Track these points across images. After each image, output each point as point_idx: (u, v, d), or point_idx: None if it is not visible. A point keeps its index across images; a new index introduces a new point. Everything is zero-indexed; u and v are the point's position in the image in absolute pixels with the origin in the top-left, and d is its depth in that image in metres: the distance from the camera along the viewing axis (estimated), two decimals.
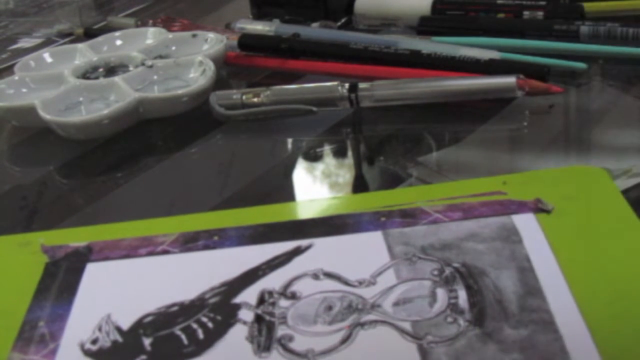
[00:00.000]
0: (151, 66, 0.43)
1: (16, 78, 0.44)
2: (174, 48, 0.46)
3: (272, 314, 0.25)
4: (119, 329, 0.26)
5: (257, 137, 0.40)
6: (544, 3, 0.47)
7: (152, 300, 0.27)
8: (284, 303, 0.26)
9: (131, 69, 0.44)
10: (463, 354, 0.23)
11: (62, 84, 0.42)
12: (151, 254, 0.29)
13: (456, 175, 0.34)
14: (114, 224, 0.31)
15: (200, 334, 0.25)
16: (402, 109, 0.39)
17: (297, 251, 0.28)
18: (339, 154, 0.38)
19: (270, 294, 0.26)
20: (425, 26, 0.48)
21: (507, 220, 0.28)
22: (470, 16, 0.48)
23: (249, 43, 0.47)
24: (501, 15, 0.47)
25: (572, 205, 0.29)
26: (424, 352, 0.23)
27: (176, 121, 0.41)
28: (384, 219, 0.29)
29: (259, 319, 0.25)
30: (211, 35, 0.46)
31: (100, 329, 0.26)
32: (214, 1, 0.63)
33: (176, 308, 0.26)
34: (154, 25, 0.52)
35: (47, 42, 0.57)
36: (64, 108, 0.41)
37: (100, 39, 0.48)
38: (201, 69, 0.43)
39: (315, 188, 0.36)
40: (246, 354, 0.24)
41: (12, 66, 0.46)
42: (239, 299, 0.26)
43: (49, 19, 0.63)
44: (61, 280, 0.28)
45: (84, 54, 0.46)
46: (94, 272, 0.28)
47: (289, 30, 0.48)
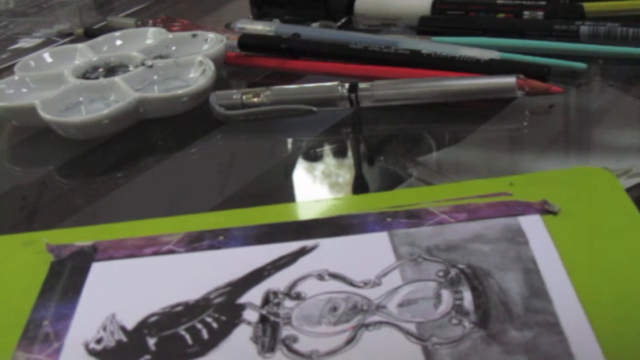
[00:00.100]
0: (151, 66, 0.43)
1: (16, 78, 0.44)
2: (174, 48, 0.46)
3: (276, 315, 0.25)
4: (123, 329, 0.26)
5: (257, 137, 0.40)
6: (544, 3, 0.47)
7: (156, 300, 0.27)
8: (288, 303, 0.26)
9: (131, 69, 0.44)
10: (468, 356, 0.23)
11: (62, 84, 0.42)
12: (156, 253, 0.29)
13: (456, 175, 0.34)
14: (119, 223, 0.31)
15: (205, 334, 0.25)
16: (402, 109, 0.39)
17: (303, 251, 0.28)
18: (339, 154, 0.38)
19: (275, 294, 0.26)
20: (425, 26, 0.48)
21: (513, 221, 0.28)
22: (470, 16, 0.48)
23: (249, 43, 0.47)
24: (501, 15, 0.47)
25: (578, 207, 0.28)
26: (428, 354, 0.23)
27: (176, 121, 0.41)
28: (389, 219, 0.29)
29: (263, 319, 0.25)
30: (211, 35, 0.46)
31: (104, 328, 0.26)
32: (214, 1, 0.63)
33: (181, 308, 0.26)
34: (154, 25, 0.52)
35: (47, 42, 0.57)
36: (64, 108, 0.41)
37: (100, 39, 0.48)
38: (201, 69, 0.43)
39: (315, 188, 0.36)
40: (250, 355, 0.24)
41: (12, 66, 0.46)
42: (243, 299, 0.26)
43: (49, 19, 0.63)
44: (66, 279, 0.28)
45: (84, 54, 0.46)
46: (99, 271, 0.28)
47: (289, 30, 0.48)
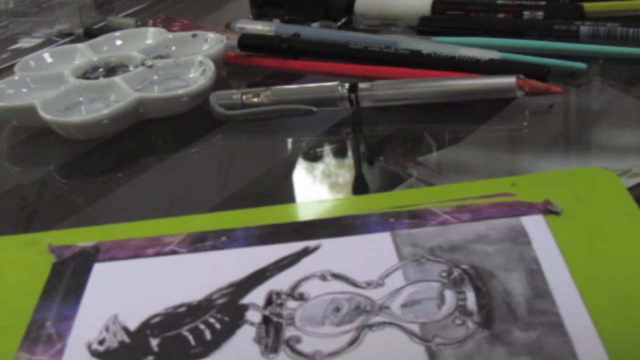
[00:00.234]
0: (151, 66, 0.43)
1: (16, 78, 0.44)
2: (174, 48, 0.46)
3: (279, 315, 0.25)
4: (126, 330, 0.25)
5: (257, 137, 0.40)
6: (544, 3, 0.47)
7: (159, 300, 0.26)
8: (291, 304, 0.26)
9: (131, 69, 0.44)
10: (471, 356, 0.23)
11: (62, 84, 0.42)
12: (159, 254, 0.29)
13: (456, 175, 0.34)
14: (121, 224, 0.31)
15: (208, 335, 0.25)
16: (402, 109, 0.39)
17: (305, 252, 0.28)
18: (339, 154, 0.38)
19: (278, 295, 0.26)
20: (425, 26, 0.48)
21: (515, 221, 0.28)
22: (470, 16, 0.48)
23: (249, 43, 0.47)
24: (501, 15, 0.47)
25: (581, 207, 0.28)
26: (432, 354, 0.23)
27: (176, 121, 0.41)
28: (392, 220, 0.29)
29: (266, 320, 0.25)
30: (211, 35, 0.46)
31: (107, 329, 0.26)
32: (214, 1, 0.63)
33: (183, 309, 0.26)
34: (154, 25, 0.52)
35: (47, 42, 0.57)
36: (64, 108, 0.41)
37: (100, 39, 0.48)
38: (201, 69, 0.43)
39: (315, 188, 0.36)
40: (254, 355, 0.24)
41: (12, 66, 0.46)
42: (246, 300, 0.26)
43: (49, 19, 0.63)
44: (68, 280, 0.28)
45: (84, 54, 0.46)
46: (101, 272, 0.28)
47: (289, 30, 0.48)
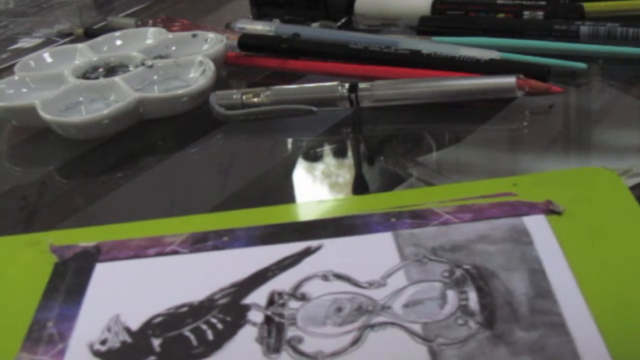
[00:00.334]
0: (151, 66, 0.43)
1: (16, 78, 0.44)
2: (174, 48, 0.46)
3: (281, 315, 0.25)
4: (128, 330, 0.25)
5: (257, 137, 0.40)
6: (544, 3, 0.47)
7: (161, 300, 0.26)
8: (293, 304, 0.26)
9: (131, 69, 0.44)
10: (474, 356, 0.23)
11: (62, 84, 0.42)
12: (160, 254, 0.29)
13: (456, 175, 0.34)
14: (123, 224, 0.31)
15: (210, 335, 0.25)
16: (402, 109, 0.39)
17: (307, 252, 0.28)
18: (339, 154, 0.38)
19: (280, 295, 0.26)
20: (425, 26, 0.48)
21: (517, 221, 0.28)
22: (470, 16, 0.48)
23: (249, 43, 0.47)
24: (501, 15, 0.47)
25: (583, 207, 0.28)
26: (434, 354, 0.23)
27: (176, 121, 0.41)
28: (394, 219, 0.29)
29: (268, 320, 0.25)
30: (211, 35, 0.46)
31: (109, 329, 0.25)
32: (214, 1, 0.63)
33: (185, 309, 0.26)
34: (154, 25, 0.52)
35: (47, 42, 0.57)
36: (64, 108, 0.41)
37: (100, 39, 0.48)
38: (201, 69, 0.43)
39: (315, 188, 0.36)
40: (256, 355, 0.24)
41: (12, 66, 0.46)
42: (248, 300, 0.26)
43: (49, 19, 0.63)
44: (70, 280, 0.28)
45: (84, 54, 0.46)
46: (103, 272, 0.28)
47: (289, 30, 0.48)
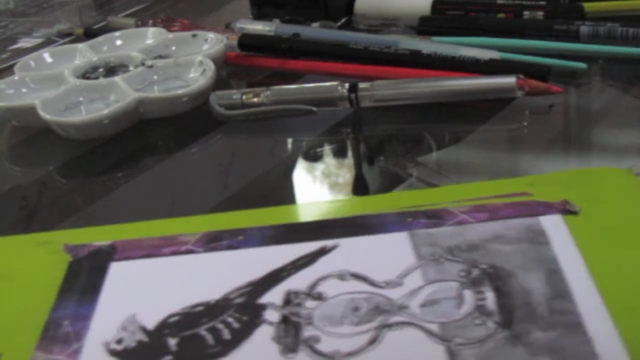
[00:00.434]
0: (151, 66, 0.43)
1: (16, 78, 0.44)
2: (174, 48, 0.46)
3: (298, 315, 0.25)
4: (143, 329, 0.25)
5: (257, 137, 0.40)
6: (544, 3, 0.47)
7: (176, 300, 0.26)
8: (310, 304, 0.25)
9: (131, 69, 0.44)
10: (492, 357, 0.22)
11: (62, 84, 0.42)
12: (175, 253, 0.29)
13: (456, 175, 0.34)
14: (136, 223, 0.31)
15: (226, 334, 0.25)
16: (402, 109, 0.39)
17: (322, 251, 0.28)
18: (339, 154, 0.39)
19: (296, 294, 0.26)
20: (425, 26, 0.48)
21: (533, 221, 0.28)
22: (470, 16, 0.48)
23: (249, 43, 0.47)
24: (501, 15, 0.47)
25: (599, 207, 0.28)
26: (452, 354, 0.23)
27: (176, 121, 0.41)
28: (409, 219, 0.29)
29: (285, 319, 0.25)
30: (211, 35, 0.46)
31: (124, 328, 0.25)
32: (214, 1, 0.63)
33: (201, 308, 0.26)
34: (154, 25, 0.52)
35: (47, 42, 0.57)
36: (64, 108, 0.41)
37: (100, 39, 0.48)
38: (201, 69, 0.43)
39: (315, 188, 0.36)
40: (273, 355, 0.24)
41: (12, 66, 0.46)
42: (264, 300, 0.26)
43: (49, 19, 0.63)
44: (85, 279, 0.28)
45: (84, 54, 0.46)
46: (117, 271, 0.28)
47: (289, 30, 0.48)
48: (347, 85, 0.39)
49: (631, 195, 0.29)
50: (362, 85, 0.39)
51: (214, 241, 0.29)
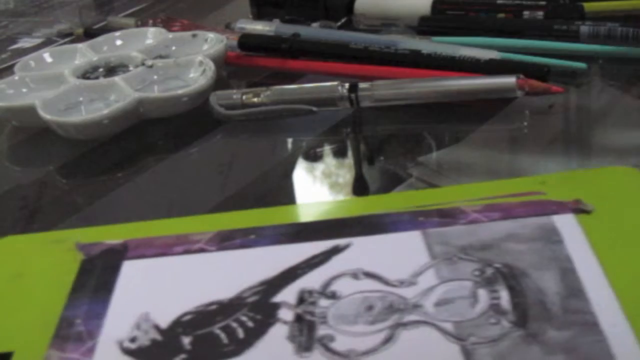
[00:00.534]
0: (151, 66, 0.43)
1: (16, 78, 0.44)
2: (174, 48, 0.46)
3: (312, 314, 0.25)
4: (157, 328, 0.25)
5: (257, 137, 0.40)
6: (544, 3, 0.47)
7: (190, 298, 0.26)
8: (324, 302, 0.25)
9: (131, 69, 0.44)
10: (507, 355, 0.22)
11: (62, 84, 0.42)
12: (187, 252, 0.29)
13: (456, 175, 0.34)
14: (149, 221, 0.31)
15: (240, 333, 0.25)
16: (402, 109, 0.39)
17: (336, 250, 0.28)
18: (339, 154, 0.38)
19: (310, 293, 0.26)
20: (425, 26, 0.48)
21: (546, 220, 0.28)
22: (470, 16, 0.48)
23: (249, 43, 0.47)
24: (501, 15, 0.47)
25: (612, 206, 0.28)
26: (467, 353, 0.23)
27: (176, 121, 0.41)
28: (422, 218, 0.29)
29: (299, 318, 0.25)
30: (211, 35, 0.46)
31: (138, 327, 0.25)
32: (214, 1, 0.63)
33: (215, 307, 0.26)
34: (154, 25, 0.52)
35: (47, 42, 0.57)
36: (64, 108, 0.41)
37: (100, 39, 0.48)
38: (201, 69, 0.43)
39: (315, 188, 0.36)
40: (287, 354, 0.24)
41: (12, 66, 0.46)
42: (278, 298, 0.26)
43: (49, 19, 0.63)
44: (97, 277, 0.28)
45: (84, 54, 0.46)
46: (130, 269, 0.28)
47: (289, 30, 0.48)
48: (347, 85, 0.39)
49: None
50: (362, 85, 0.39)
51: (226, 240, 0.29)
